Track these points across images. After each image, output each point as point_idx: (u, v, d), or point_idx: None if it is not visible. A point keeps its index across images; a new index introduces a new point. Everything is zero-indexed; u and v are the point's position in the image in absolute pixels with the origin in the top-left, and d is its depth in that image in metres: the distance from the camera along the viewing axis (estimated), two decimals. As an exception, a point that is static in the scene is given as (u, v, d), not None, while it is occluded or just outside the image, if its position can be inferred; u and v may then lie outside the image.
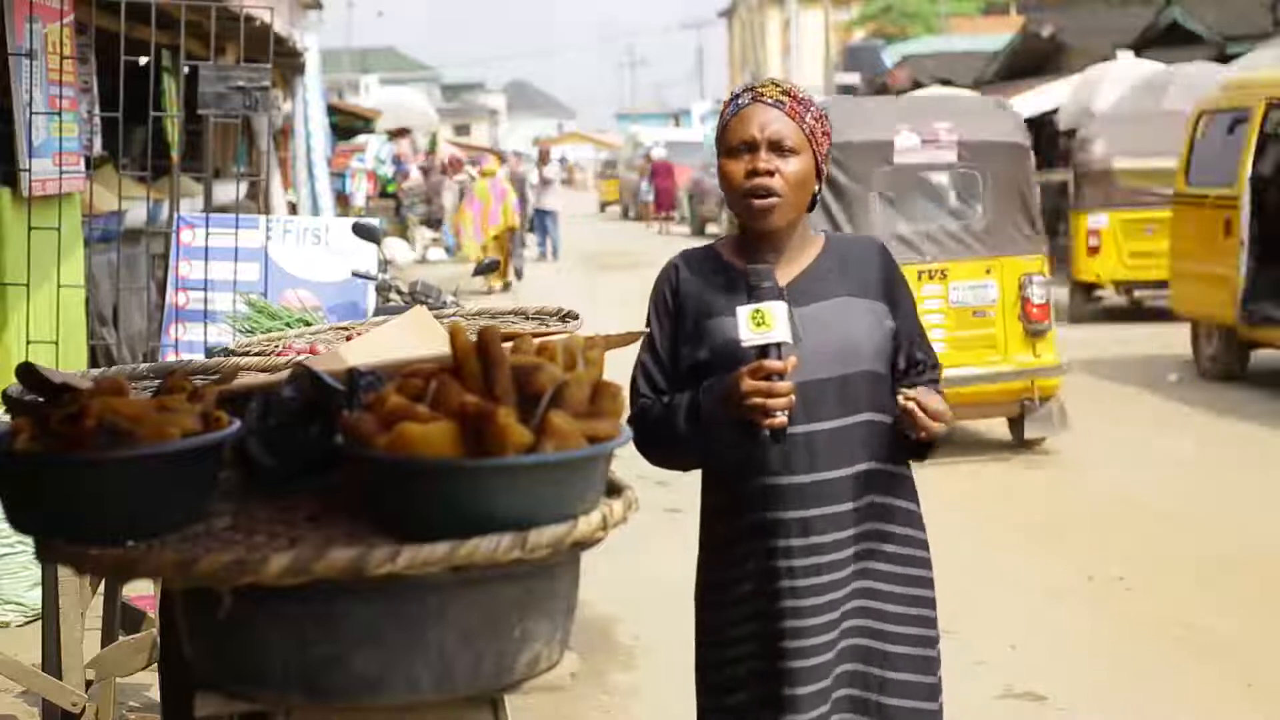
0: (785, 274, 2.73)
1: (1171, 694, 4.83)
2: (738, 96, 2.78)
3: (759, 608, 2.70)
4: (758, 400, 2.55)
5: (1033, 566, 6.31)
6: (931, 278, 8.23)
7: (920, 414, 2.61)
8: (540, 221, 24.81)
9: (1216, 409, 9.81)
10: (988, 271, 8.32)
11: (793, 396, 2.56)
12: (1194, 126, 11.31)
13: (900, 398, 2.65)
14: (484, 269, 8.05)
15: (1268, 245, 10.43)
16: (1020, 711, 4.73)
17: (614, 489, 1.94)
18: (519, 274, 20.46)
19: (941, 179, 8.79)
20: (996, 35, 31.99)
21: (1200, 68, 15.75)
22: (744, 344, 2.56)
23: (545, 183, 24.87)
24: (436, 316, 2.79)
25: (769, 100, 2.73)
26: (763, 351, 2.56)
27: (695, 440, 2.69)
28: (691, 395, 2.70)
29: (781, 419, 2.57)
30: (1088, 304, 14.73)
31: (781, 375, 2.55)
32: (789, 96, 2.74)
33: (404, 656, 1.75)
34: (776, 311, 2.54)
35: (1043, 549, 6.57)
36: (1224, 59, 17.59)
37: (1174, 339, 12.04)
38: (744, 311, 2.56)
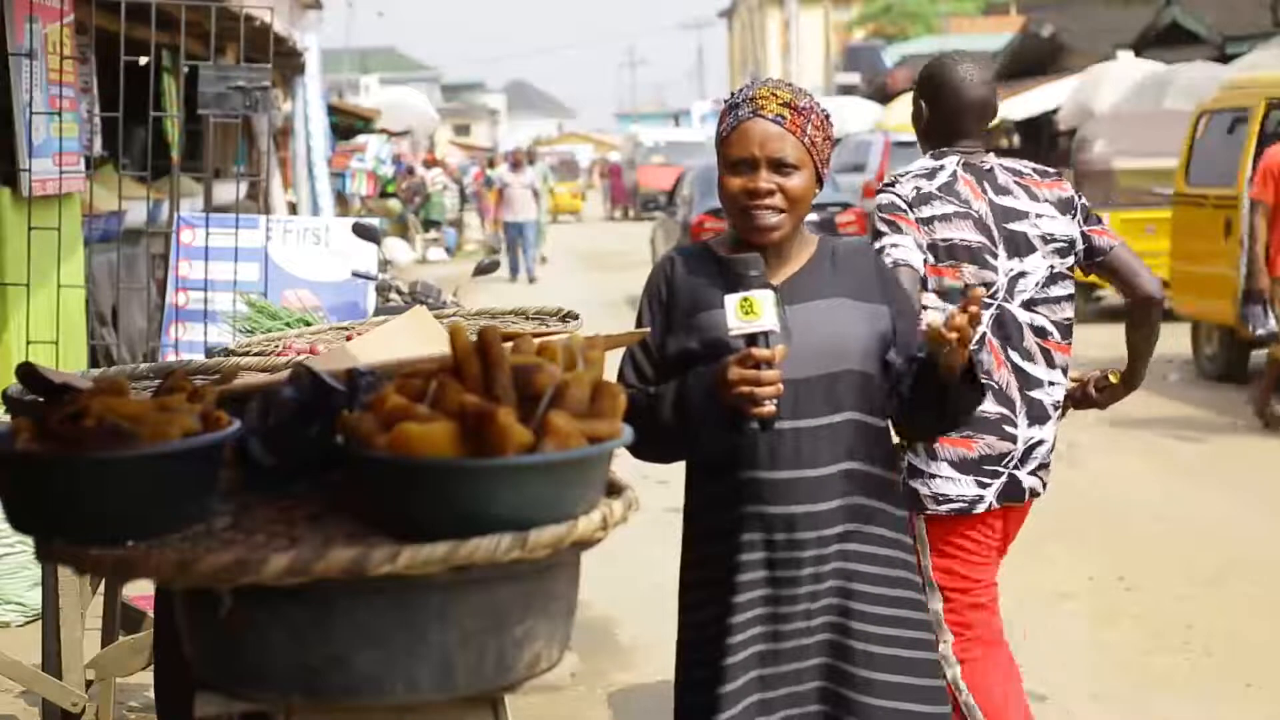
0: (779, 274, 2.73)
1: (1171, 694, 4.83)
2: (737, 107, 2.73)
3: (740, 602, 2.69)
4: (745, 389, 2.52)
5: (1033, 566, 6.30)
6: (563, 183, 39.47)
7: (944, 331, 2.53)
8: (509, 235, 21.69)
9: (1216, 409, 9.81)
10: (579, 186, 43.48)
11: (780, 386, 2.54)
12: (1194, 126, 11.30)
13: (923, 328, 2.71)
14: (483, 269, 8.05)
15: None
16: (1020, 711, 4.72)
17: (614, 489, 1.94)
18: (496, 251, 22.65)
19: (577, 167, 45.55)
20: (996, 35, 32.04)
21: (1200, 68, 15.76)
22: (732, 332, 2.53)
23: (531, 191, 21.74)
24: (436, 316, 2.79)
25: (769, 116, 2.68)
26: (750, 340, 2.54)
27: (679, 430, 2.67)
28: (677, 384, 2.67)
29: (769, 408, 2.54)
30: (1088, 304, 14.71)
31: (770, 364, 2.53)
32: (789, 109, 2.69)
33: (404, 656, 1.75)
34: (764, 300, 2.52)
35: (1043, 549, 6.56)
36: (1224, 59, 17.59)
37: (1174, 339, 12.03)
38: (732, 300, 2.53)
